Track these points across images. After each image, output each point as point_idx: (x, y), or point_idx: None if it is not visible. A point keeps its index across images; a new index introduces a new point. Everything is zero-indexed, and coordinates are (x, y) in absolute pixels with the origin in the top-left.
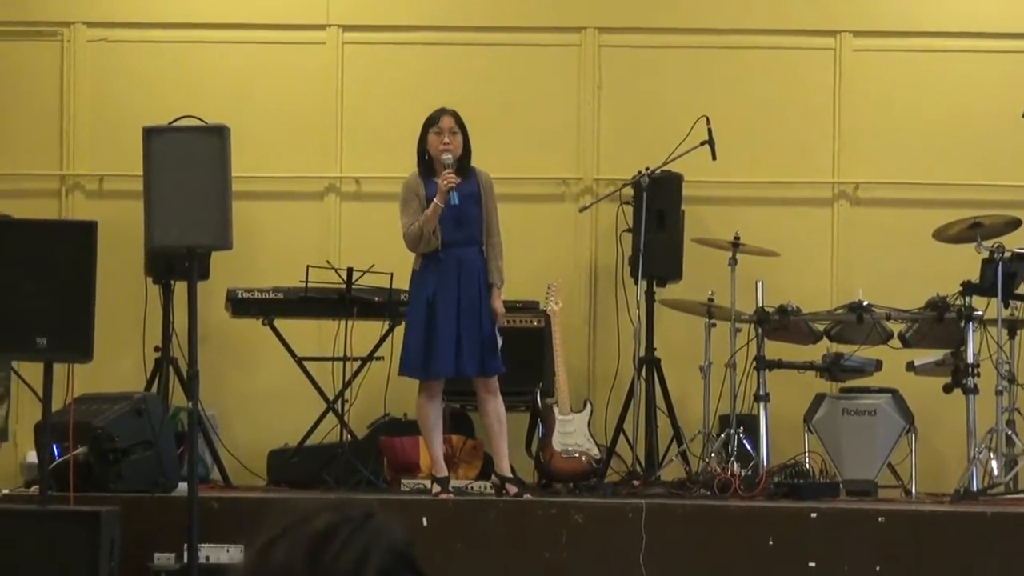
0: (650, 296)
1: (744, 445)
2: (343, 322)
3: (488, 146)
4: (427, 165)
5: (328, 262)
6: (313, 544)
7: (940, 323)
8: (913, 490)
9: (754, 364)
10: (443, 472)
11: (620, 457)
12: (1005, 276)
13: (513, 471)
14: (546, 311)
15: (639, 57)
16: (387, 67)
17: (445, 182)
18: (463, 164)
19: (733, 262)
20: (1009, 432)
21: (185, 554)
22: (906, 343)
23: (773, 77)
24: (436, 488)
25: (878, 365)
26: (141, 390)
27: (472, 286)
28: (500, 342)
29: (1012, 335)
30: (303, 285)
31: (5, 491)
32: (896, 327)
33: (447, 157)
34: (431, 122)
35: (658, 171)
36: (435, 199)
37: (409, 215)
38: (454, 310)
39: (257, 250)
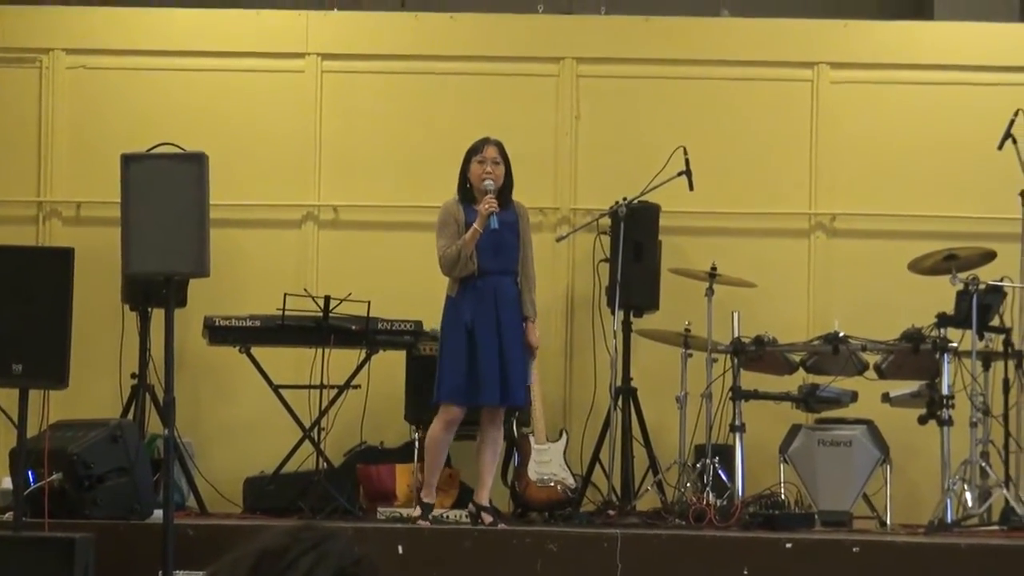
0: (627, 326)
1: (720, 475)
2: (320, 350)
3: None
4: (466, 192)
5: (305, 290)
6: (258, 561)
7: (915, 354)
8: (888, 521)
9: (730, 394)
10: (433, 499)
11: (596, 486)
12: (980, 308)
13: (490, 501)
14: None
15: (617, 87)
16: (366, 96)
17: (486, 206)
18: (504, 195)
19: (710, 292)
20: (983, 464)
21: None
22: (881, 374)
23: (751, 108)
24: (418, 511)
25: (854, 396)
26: (117, 417)
27: (510, 315)
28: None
29: (986, 367)
30: (280, 313)
31: None
32: (872, 358)
33: (489, 183)
34: (475, 151)
35: (635, 201)
36: (475, 224)
37: (446, 238)
38: (495, 338)
39: (235, 278)
